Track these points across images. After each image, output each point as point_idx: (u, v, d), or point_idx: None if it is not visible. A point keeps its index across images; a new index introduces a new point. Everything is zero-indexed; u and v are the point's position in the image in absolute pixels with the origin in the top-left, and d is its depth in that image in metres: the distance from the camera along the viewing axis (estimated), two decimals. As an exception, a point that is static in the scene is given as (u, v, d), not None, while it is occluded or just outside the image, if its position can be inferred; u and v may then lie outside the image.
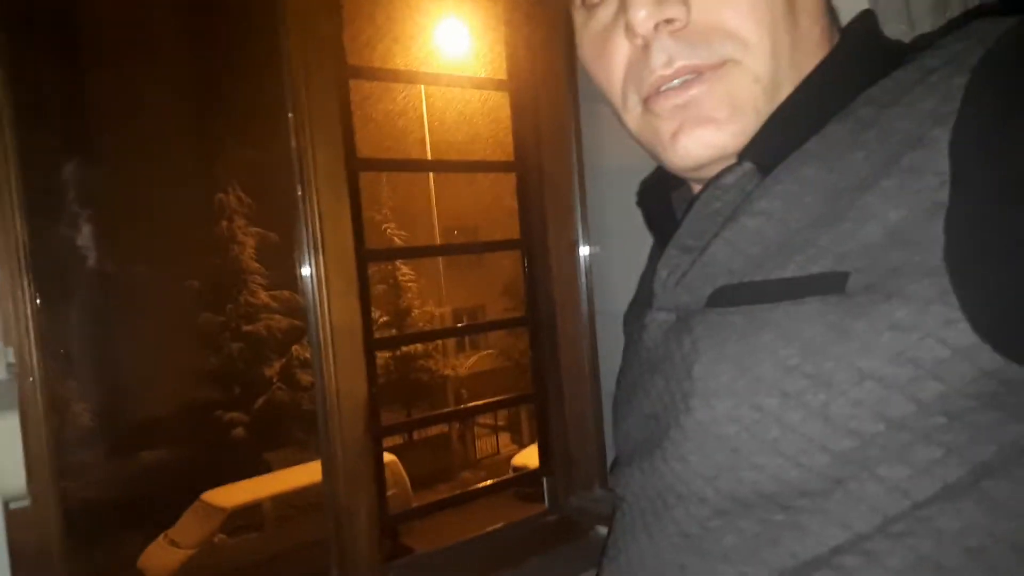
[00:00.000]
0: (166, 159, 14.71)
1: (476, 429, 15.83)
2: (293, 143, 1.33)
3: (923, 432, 0.47)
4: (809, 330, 0.50)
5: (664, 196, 0.76)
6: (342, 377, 1.34)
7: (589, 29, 0.66)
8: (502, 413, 15.82)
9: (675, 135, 0.61)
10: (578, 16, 0.67)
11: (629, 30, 0.60)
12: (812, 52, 0.61)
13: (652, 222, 0.77)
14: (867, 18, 0.65)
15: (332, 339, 1.33)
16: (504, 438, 16.07)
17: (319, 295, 1.33)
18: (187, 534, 9.35)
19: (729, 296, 0.56)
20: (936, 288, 0.46)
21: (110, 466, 12.13)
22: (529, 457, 10.39)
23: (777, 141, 0.58)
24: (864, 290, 0.49)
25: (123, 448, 12.49)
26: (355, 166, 1.41)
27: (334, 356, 1.34)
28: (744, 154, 0.60)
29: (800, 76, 0.60)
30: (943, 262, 0.46)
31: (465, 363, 16.96)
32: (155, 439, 12.63)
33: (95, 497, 11.05)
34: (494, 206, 13.91)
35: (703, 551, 0.56)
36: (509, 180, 1.72)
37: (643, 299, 0.73)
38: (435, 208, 16.48)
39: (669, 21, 0.58)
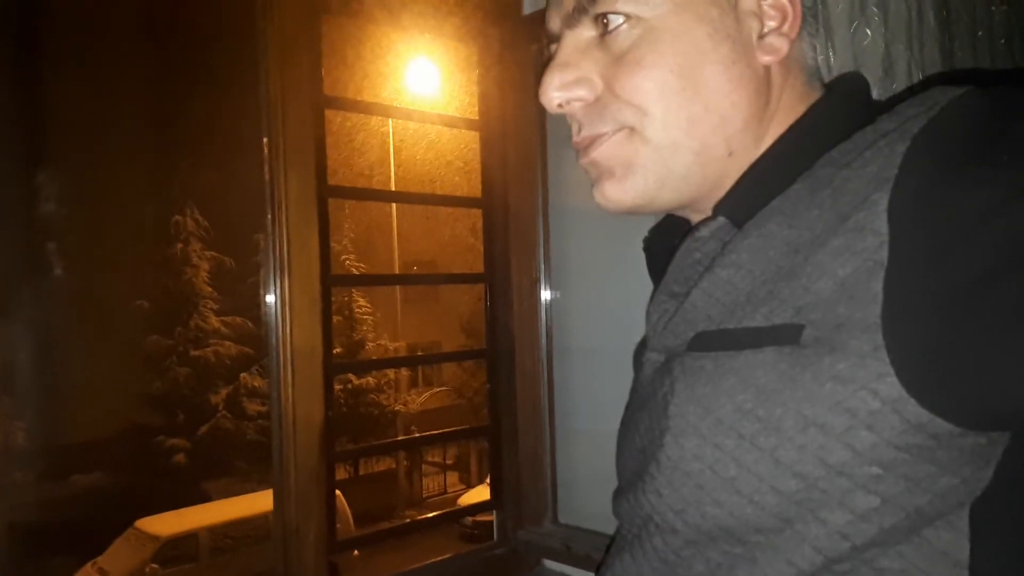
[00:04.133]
0: (125, 176, 14.53)
1: (424, 467, 15.63)
2: (267, 167, 1.35)
3: (860, 481, 0.51)
4: (764, 377, 0.54)
5: (670, 244, 0.78)
6: (299, 399, 1.35)
7: None
8: (451, 452, 15.66)
9: (594, 187, 0.69)
10: None
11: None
12: (720, 123, 0.65)
13: (654, 268, 0.81)
14: (847, 80, 0.70)
15: (292, 361, 1.34)
16: (452, 477, 15.88)
17: (282, 317, 1.34)
18: (117, 562, 8.98)
19: (705, 341, 0.60)
20: (871, 343, 0.49)
21: (42, 488, 11.65)
22: (477, 498, 10.26)
23: (750, 197, 0.63)
24: (814, 342, 0.52)
25: (57, 470, 12.02)
26: (325, 193, 1.43)
27: (293, 378, 1.34)
28: (718, 208, 0.65)
29: (702, 143, 0.65)
30: (880, 319, 0.49)
31: (417, 399, 16.78)
32: (91, 462, 12.19)
33: (23, 520, 10.59)
34: (452, 243, 14.02)
35: (677, 575, 0.60)
36: (468, 218, 1.78)
37: (645, 340, 0.77)
38: (396, 242, 16.43)
39: (579, 99, 0.66)
